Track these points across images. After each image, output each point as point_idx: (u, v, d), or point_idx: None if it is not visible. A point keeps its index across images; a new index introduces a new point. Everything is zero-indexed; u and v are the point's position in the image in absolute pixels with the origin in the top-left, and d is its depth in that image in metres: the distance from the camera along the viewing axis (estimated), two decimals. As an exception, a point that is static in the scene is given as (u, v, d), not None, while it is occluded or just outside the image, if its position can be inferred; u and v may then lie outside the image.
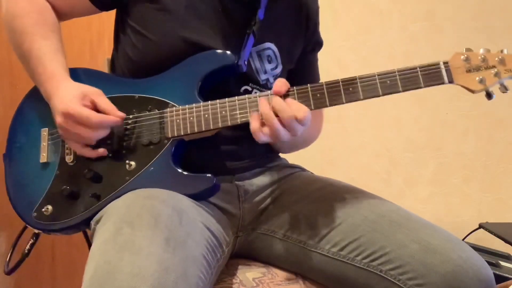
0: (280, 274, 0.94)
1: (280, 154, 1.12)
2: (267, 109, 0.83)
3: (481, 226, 1.62)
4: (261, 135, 0.83)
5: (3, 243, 1.70)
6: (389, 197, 0.94)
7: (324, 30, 1.13)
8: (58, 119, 0.87)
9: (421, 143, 1.96)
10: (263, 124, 0.83)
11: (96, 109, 0.88)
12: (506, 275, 1.37)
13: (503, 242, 1.47)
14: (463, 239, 1.20)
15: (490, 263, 1.40)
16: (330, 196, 0.94)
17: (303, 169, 1.09)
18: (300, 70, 1.08)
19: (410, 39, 1.94)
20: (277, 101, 0.83)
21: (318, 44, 1.13)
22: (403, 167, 1.99)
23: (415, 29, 1.93)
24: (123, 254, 0.67)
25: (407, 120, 1.97)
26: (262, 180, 1.00)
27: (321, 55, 1.16)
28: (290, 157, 1.12)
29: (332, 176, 1.04)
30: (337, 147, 2.04)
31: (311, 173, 1.09)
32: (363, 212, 0.89)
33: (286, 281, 0.92)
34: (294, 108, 0.82)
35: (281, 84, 0.85)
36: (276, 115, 0.82)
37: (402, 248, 0.81)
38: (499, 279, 1.32)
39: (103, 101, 0.89)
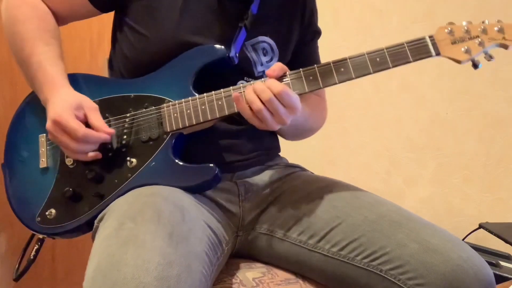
0: (280, 274, 0.94)
1: (280, 154, 1.12)
2: (250, 91, 0.84)
3: (481, 226, 1.62)
4: (253, 117, 0.84)
5: (3, 243, 1.70)
6: (389, 197, 0.94)
7: (324, 30, 1.14)
8: (48, 123, 0.88)
9: (421, 143, 1.96)
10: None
11: (87, 123, 0.88)
12: (506, 275, 1.37)
13: (503, 242, 1.47)
14: (463, 239, 1.20)
15: (490, 263, 1.40)
16: (330, 196, 0.94)
17: (303, 169, 1.09)
18: (302, 61, 1.08)
19: (410, 39, 1.94)
20: (257, 83, 0.84)
21: (317, 33, 1.13)
22: (403, 167, 1.99)
23: (415, 29, 1.93)
24: (126, 247, 0.67)
25: (407, 120, 1.97)
26: (262, 179, 1.00)
27: (321, 55, 1.16)
28: (290, 157, 1.12)
29: (332, 176, 1.04)
30: (337, 147, 2.04)
31: (311, 172, 1.09)
32: (363, 212, 0.89)
33: (286, 281, 0.92)
34: (270, 84, 0.83)
35: (275, 68, 0.86)
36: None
37: (402, 248, 0.81)
38: (499, 279, 1.32)
39: (95, 117, 0.89)
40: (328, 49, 1.16)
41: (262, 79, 0.87)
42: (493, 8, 1.86)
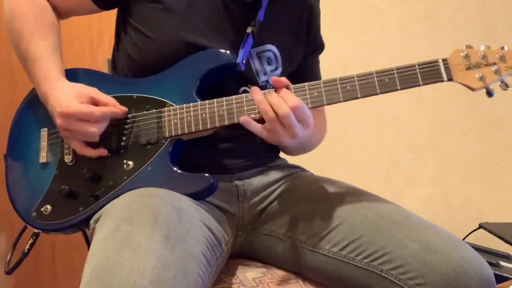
0: (280, 274, 0.94)
1: (280, 154, 1.11)
2: (262, 98, 0.83)
3: (481, 226, 1.62)
4: (262, 131, 0.83)
5: (3, 243, 1.70)
6: (389, 197, 0.94)
7: (324, 30, 1.13)
8: (58, 121, 0.87)
9: (421, 143, 1.96)
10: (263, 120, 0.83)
11: (95, 104, 0.89)
12: (506, 275, 1.38)
13: (503, 242, 1.47)
14: (463, 239, 1.20)
15: (490, 263, 1.39)
16: (330, 196, 0.94)
17: (303, 169, 1.09)
18: (301, 72, 1.08)
19: (410, 39, 1.94)
20: (273, 95, 0.83)
21: (320, 46, 1.13)
22: (403, 167, 1.99)
23: (415, 29, 1.93)
24: (122, 250, 0.67)
25: (407, 120, 1.97)
26: (261, 179, 1.00)
27: (321, 55, 1.16)
28: (290, 157, 1.12)
29: (332, 176, 1.04)
30: (337, 147, 2.04)
31: (311, 173, 1.09)
32: (364, 212, 0.89)
33: (286, 281, 0.92)
34: (287, 99, 0.82)
35: (282, 79, 0.85)
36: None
37: (402, 248, 0.81)
38: (499, 279, 1.32)
39: (101, 96, 0.90)
40: (328, 49, 1.16)
41: (272, 89, 0.86)
42: (493, 8, 1.86)
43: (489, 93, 0.81)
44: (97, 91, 0.90)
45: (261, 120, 0.85)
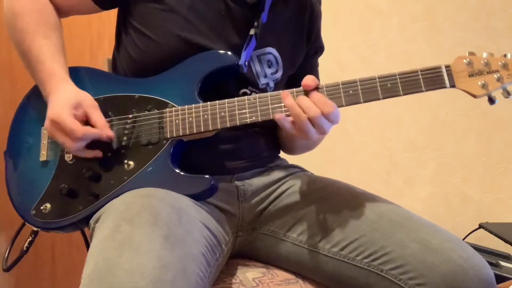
0: (280, 274, 0.94)
1: (280, 154, 1.11)
2: (292, 103, 0.82)
3: (481, 226, 1.62)
4: (287, 125, 0.83)
5: (3, 243, 1.70)
6: (389, 197, 0.94)
7: (324, 30, 1.13)
8: (46, 122, 0.88)
9: (421, 143, 1.96)
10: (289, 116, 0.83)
11: (86, 121, 0.88)
12: (506, 275, 1.38)
13: (503, 242, 1.47)
14: (463, 239, 1.20)
15: (490, 263, 1.39)
16: (330, 196, 0.94)
17: (303, 170, 1.09)
18: (300, 75, 1.07)
19: (410, 39, 1.94)
20: (302, 98, 0.82)
21: (320, 48, 1.13)
22: (403, 167, 1.99)
23: (415, 29, 1.93)
24: (122, 251, 0.67)
25: (407, 120, 1.97)
26: (261, 180, 1.00)
27: (321, 55, 1.16)
28: (290, 157, 1.12)
29: (332, 176, 1.04)
30: (337, 147, 2.04)
31: (311, 173, 1.09)
32: (364, 211, 0.89)
33: (286, 281, 0.92)
34: (321, 103, 0.81)
35: (311, 79, 0.84)
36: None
37: (402, 248, 0.81)
38: (499, 279, 1.32)
39: (96, 116, 0.88)
40: (328, 49, 1.16)
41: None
42: (493, 8, 1.86)
43: (491, 100, 0.82)
44: (95, 109, 0.89)
45: (266, 122, 0.86)
